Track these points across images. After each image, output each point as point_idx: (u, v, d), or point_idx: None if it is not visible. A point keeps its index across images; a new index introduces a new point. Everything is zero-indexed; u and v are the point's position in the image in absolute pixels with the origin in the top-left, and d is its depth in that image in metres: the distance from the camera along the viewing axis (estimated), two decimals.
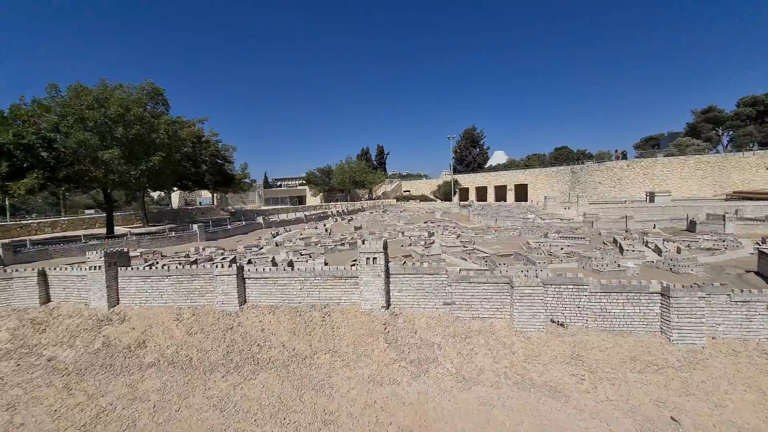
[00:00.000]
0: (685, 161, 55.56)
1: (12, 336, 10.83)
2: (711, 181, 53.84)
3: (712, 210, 33.13)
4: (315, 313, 9.92)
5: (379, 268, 9.41)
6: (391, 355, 8.51)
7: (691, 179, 54.82)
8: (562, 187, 69.76)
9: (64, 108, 24.26)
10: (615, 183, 59.70)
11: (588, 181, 63.47)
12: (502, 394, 7.42)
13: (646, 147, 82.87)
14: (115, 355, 9.83)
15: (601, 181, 61.57)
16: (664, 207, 39.14)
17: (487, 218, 38.81)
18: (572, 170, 68.61)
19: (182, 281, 10.94)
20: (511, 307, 8.83)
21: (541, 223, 32.98)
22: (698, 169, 54.62)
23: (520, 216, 38.92)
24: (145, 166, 26.95)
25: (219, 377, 8.71)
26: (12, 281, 11.79)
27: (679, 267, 14.38)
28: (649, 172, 57.01)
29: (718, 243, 20.31)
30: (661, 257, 16.68)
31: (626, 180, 58.79)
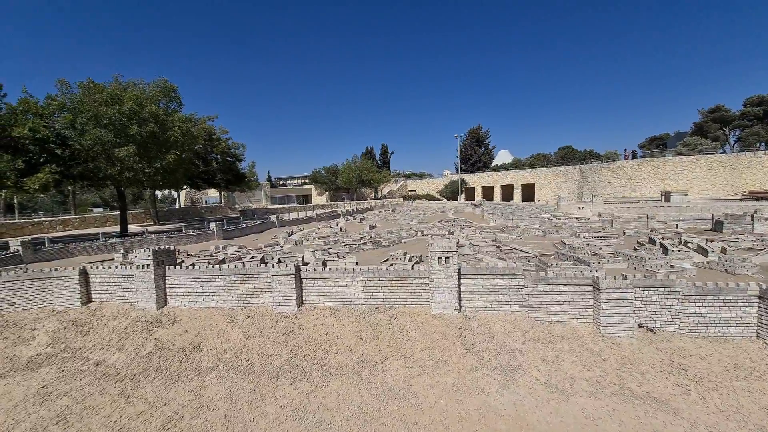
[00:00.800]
0: (696, 161, 55.16)
1: (52, 339, 10.24)
2: (723, 180, 53.51)
3: (729, 210, 32.68)
4: (380, 315, 9.38)
5: (452, 269, 8.88)
6: (471, 362, 7.99)
7: (703, 179, 54.42)
8: (570, 186, 69.34)
9: (78, 104, 23.75)
10: (625, 182, 59.23)
11: (597, 180, 63.00)
12: (604, 406, 6.92)
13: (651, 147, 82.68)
14: (169, 358, 9.26)
15: (611, 180, 61.07)
16: (681, 207, 38.69)
17: (502, 217, 38.35)
18: (580, 169, 68.17)
19: (234, 281, 10.38)
20: (597, 310, 8.33)
21: (558, 223, 32.51)
22: (710, 169, 54.24)
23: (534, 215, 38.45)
24: (160, 164, 26.51)
25: (287, 384, 8.16)
26: (50, 281, 11.20)
27: (735, 268, 13.89)
28: (660, 171, 56.59)
29: (757, 243, 19.84)
30: (706, 258, 16.22)
31: (637, 179, 58.33)
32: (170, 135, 27.04)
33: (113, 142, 24.07)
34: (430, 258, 9.09)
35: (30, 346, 10.08)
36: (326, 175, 76.33)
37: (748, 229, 24.51)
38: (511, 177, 77.08)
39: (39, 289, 11.19)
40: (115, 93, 24.56)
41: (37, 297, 11.20)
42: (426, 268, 9.34)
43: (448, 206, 56.67)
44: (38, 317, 10.85)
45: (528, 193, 74.49)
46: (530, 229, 28.60)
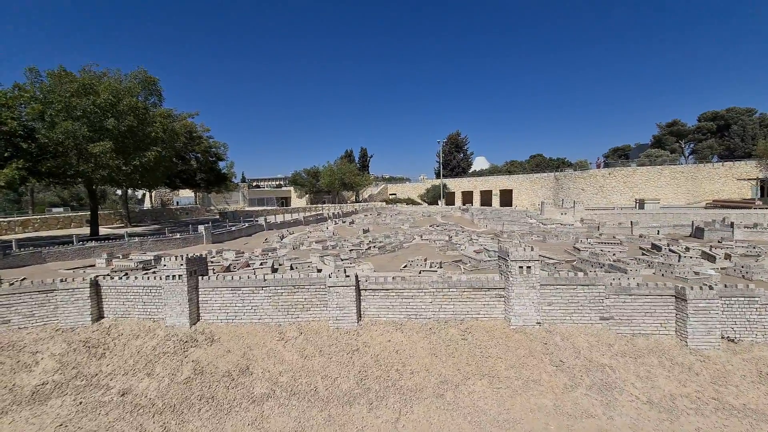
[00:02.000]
0: (661, 171, 59.00)
1: (60, 364, 8.62)
2: (684, 190, 57.52)
3: (698, 217, 34.85)
4: (451, 330, 8.67)
5: (534, 279, 8.36)
6: (564, 381, 7.49)
7: (667, 188, 58.20)
8: (545, 193, 71.95)
9: (49, 94, 21.34)
10: (597, 190, 62.25)
11: (571, 187, 65.75)
12: (713, 423, 6.65)
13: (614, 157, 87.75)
14: (213, 384, 8.01)
15: (584, 188, 63.93)
16: (654, 214, 41.01)
17: (492, 222, 38.70)
18: (555, 177, 70.98)
19: (282, 294, 9.25)
20: (683, 322, 8.14)
21: (546, 228, 33.21)
22: (673, 179, 58.14)
23: (521, 221, 39.21)
24: (139, 161, 24.37)
25: (364, 411, 7.24)
26: (53, 294, 9.46)
27: (752, 273, 14.45)
28: (629, 180, 60.01)
29: (749, 249, 21.00)
30: (713, 263, 16.93)
31: (608, 187, 61.48)
32: (151, 131, 25.00)
33: (87, 136, 21.77)
34: (510, 268, 8.49)
35: (33, 373, 8.41)
36: (306, 177, 74.36)
37: (729, 235, 26.02)
38: (490, 183, 79.03)
39: (39, 304, 9.42)
40: (90, 83, 22.34)
41: (37, 313, 9.42)
42: (498, 277, 8.77)
43: (433, 210, 56.79)
44: (39, 337, 9.12)
45: (506, 198, 76.59)
46: (528, 235, 28.86)
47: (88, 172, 23.24)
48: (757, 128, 66.95)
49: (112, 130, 22.33)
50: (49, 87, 21.62)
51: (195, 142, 41.47)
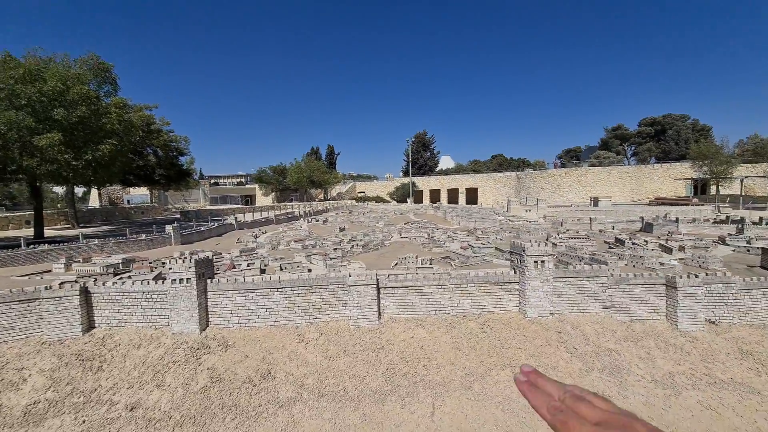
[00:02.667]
0: (610, 171, 64.16)
1: (52, 380, 7.76)
2: (629, 188, 62.97)
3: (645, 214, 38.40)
4: (470, 324, 8.94)
5: (548, 273, 8.85)
6: (578, 366, 8.05)
7: (614, 186, 63.33)
8: (508, 191, 75.41)
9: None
10: (555, 188, 66.34)
11: (532, 186, 69.50)
12: (711, 396, 7.50)
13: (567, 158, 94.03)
14: (234, 392, 7.64)
15: (543, 186, 67.84)
16: (607, 211, 44.57)
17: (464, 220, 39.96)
18: (517, 176, 74.67)
19: (298, 294, 8.96)
20: (673, 307, 9.04)
21: (515, 225, 34.93)
22: (620, 178, 63.40)
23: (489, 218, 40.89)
24: (92, 156, 22.44)
25: (398, 408, 7.30)
26: (36, 304, 8.41)
27: (707, 263, 16.23)
28: (583, 179, 64.62)
29: (697, 242, 23.49)
30: (671, 255, 18.86)
31: (564, 186, 65.76)
32: (105, 122, 23.06)
33: (31, 127, 19.67)
34: (525, 262, 8.91)
35: (21, 391, 7.50)
36: (273, 174, 71.94)
37: (674, 229, 28.90)
38: (457, 181, 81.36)
39: (20, 315, 8.33)
40: (35, 69, 20.18)
41: (17, 326, 8.34)
42: (512, 272, 9.18)
43: (404, 208, 57.44)
44: (23, 352, 8.11)
45: (471, 196, 79.22)
46: (502, 231, 30.09)
47: (33, 168, 20.95)
48: (689, 133, 74.95)
49: (60, 120, 20.32)
50: None
51: (153, 135, 38.64)
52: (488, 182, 78.76)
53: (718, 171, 46.13)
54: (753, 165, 55.02)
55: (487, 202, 74.53)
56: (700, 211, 39.09)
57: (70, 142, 21.26)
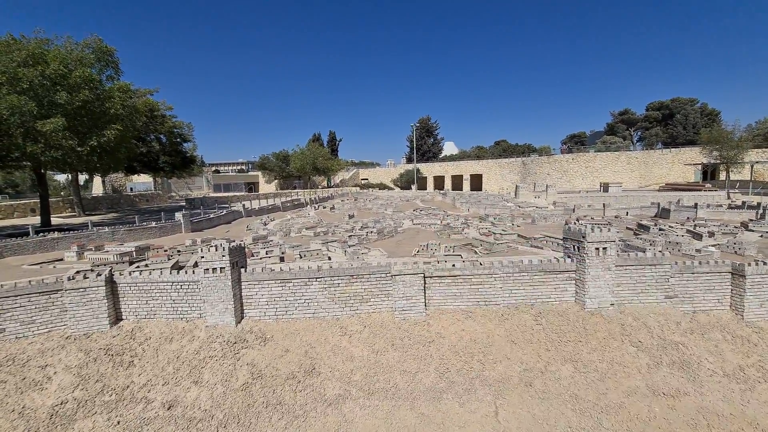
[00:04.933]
0: (618, 157, 63.10)
1: (80, 378, 7.18)
2: (638, 174, 62.04)
3: (655, 199, 37.68)
4: (523, 315, 8.35)
5: (610, 260, 8.21)
6: (645, 360, 7.49)
7: (623, 172, 62.37)
8: (513, 177, 74.42)
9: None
10: (562, 174, 65.34)
11: (538, 172, 68.49)
12: None
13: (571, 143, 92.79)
14: (277, 389, 7.07)
15: (550, 172, 66.84)
16: (618, 197, 43.83)
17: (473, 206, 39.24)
18: (523, 162, 73.57)
19: (339, 285, 8.34)
20: (740, 297, 8.45)
21: (525, 211, 34.19)
22: (629, 164, 62.40)
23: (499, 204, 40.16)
24: (97, 141, 21.63)
25: (456, 407, 6.74)
26: (58, 296, 7.79)
27: (744, 249, 15.60)
28: (590, 165, 63.61)
29: (722, 227, 22.79)
30: (701, 241, 18.22)
31: (571, 172, 64.76)
32: (109, 106, 22.15)
33: (35, 112, 18.83)
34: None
35: (46, 391, 6.94)
36: (275, 161, 70.75)
37: (692, 215, 28.17)
38: (461, 168, 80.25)
39: (40, 307, 7.71)
40: (38, 52, 19.22)
41: (38, 319, 7.72)
42: (568, 260, 8.54)
43: (410, 195, 56.71)
44: (46, 348, 7.51)
45: (476, 183, 78.24)
46: (517, 217, 29.36)
47: (37, 154, 20.15)
48: (698, 117, 73.57)
49: (64, 105, 19.48)
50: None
51: (157, 121, 37.63)
52: (493, 168, 77.63)
53: (728, 156, 45.13)
54: (763, 150, 53.98)
55: (492, 189, 73.71)
56: (712, 196, 38.37)
57: (74, 128, 20.49)
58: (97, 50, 22.76)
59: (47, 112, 19.38)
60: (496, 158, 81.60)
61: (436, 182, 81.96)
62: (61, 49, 20.79)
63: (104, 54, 23.31)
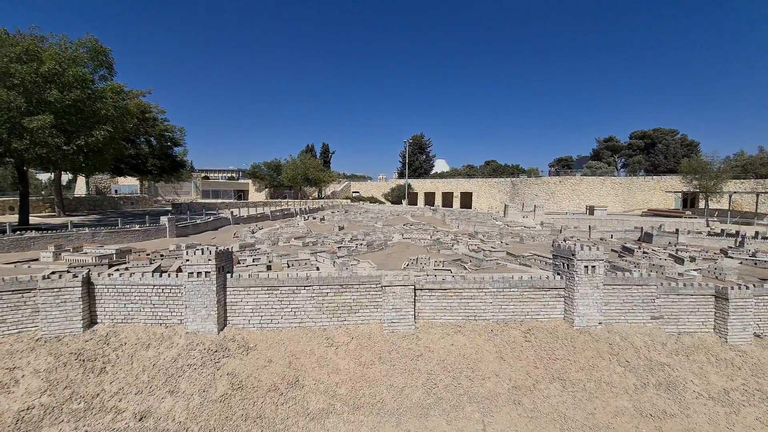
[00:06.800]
0: (603, 181, 64.89)
1: (48, 383, 6.76)
2: (621, 199, 63.74)
3: (638, 224, 38.59)
4: (513, 331, 8.28)
5: (599, 279, 8.27)
6: (633, 381, 7.48)
7: (607, 197, 64.00)
8: (502, 197, 75.49)
9: None
10: (549, 196, 66.65)
11: (526, 192, 69.73)
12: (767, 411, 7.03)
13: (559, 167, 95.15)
14: (258, 401, 6.77)
15: (538, 193, 68.10)
16: (603, 220, 44.81)
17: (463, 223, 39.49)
18: (512, 182, 74.90)
19: (327, 294, 8.15)
20: (723, 320, 8.59)
21: (513, 230, 34.57)
22: (613, 189, 64.16)
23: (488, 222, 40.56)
24: (85, 141, 21.29)
25: (444, 424, 6.56)
26: (31, 295, 7.37)
27: (724, 275, 16.00)
28: (577, 188, 65.17)
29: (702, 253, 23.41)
30: (682, 265, 18.64)
31: (558, 194, 66.16)
32: (100, 107, 21.88)
33: (23, 108, 18.48)
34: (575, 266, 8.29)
35: (13, 394, 6.49)
36: (267, 170, 70.40)
37: (674, 240, 28.86)
38: (452, 185, 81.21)
39: (12, 306, 7.27)
40: (33, 48, 19.01)
41: (9, 319, 7.27)
42: (558, 277, 8.57)
43: (401, 210, 56.89)
44: (15, 349, 7.06)
45: (466, 200, 79.13)
46: (505, 236, 29.63)
47: (21, 151, 19.64)
48: (678, 147, 76.71)
49: (54, 103, 19.13)
50: None
51: (149, 124, 37.21)
52: (483, 187, 78.76)
53: (707, 186, 46.94)
54: (741, 181, 56.29)
55: (481, 207, 74.50)
56: (692, 223, 39.55)
57: (62, 126, 20.10)
58: (91, 50, 22.56)
59: (36, 109, 19.02)
60: (486, 177, 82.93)
61: (426, 198, 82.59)
62: (56, 47, 20.56)
63: (98, 54, 23.11)
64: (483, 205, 75.48)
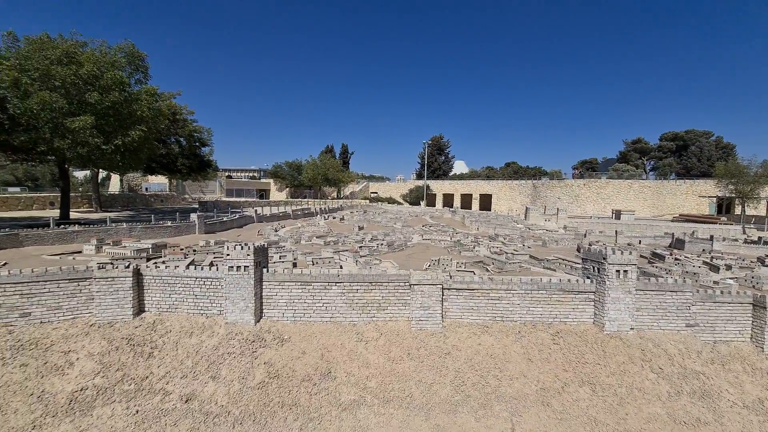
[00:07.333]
0: (631, 185, 62.56)
1: (101, 365, 7.30)
2: (650, 203, 61.31)
3: (669, 229, 37.06)
4: (541, 333, 8.31)
5: (631, 283, 8.20)
6: (666, 388, 7.37)
7: (635, 200, 61.70)
8: (523, 199, 74.08)
9: (25, 61, 19.05)
10: (573, 199, 64.82)
11: (548, 195, 68.09)
12: None
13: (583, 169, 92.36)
14: (293, 390, 7.10)
15: (560, 196, 66.37)
16: (631, 225, 43.28)
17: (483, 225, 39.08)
18: (534, 185, 73.33)
19: (357, 291, 8.44)
20: (760, 329, 8.32)
21: (535, 234, 33.88)
22: (641, 192, 61.77)
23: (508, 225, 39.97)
24: (122, 141, 22.40)
25: (472, 421, 6.69)
26: (86, 283, 8.01)
27: (761, 284, 15.32)
28: (602, 191, 63.09)
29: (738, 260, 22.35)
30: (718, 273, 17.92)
31: (582, 197, 64.24)
32: (136, 109, 23.03)
33: (65, 109, 19.63)
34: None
35: (67, 376, 7.06)
36: (288, 170, 71.85)
37: (708, 247, 27.68)
38: (471, 187, 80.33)
39: (68, 294, 7.93)
40: (72, 51, 20.16)
41: (65, 305, 7.94)
42: (587, 280, 8.52)
43: (419, 211, 56.81)
44: (70, 334, 7.68)
45: (485, 202, 78.10)
46: (527, 239, 29.19)
47: (63, 149, 20.91)
48: (713, 150, 73.16)
49: (94, 104, 20.29)
50: (26, 53, 19.25)
51: (179, 124, 38.77)
52: (503, 189, 77.49)
53: (744, 191, 44.61)
54: None
55: (501, 209, 73.37)
56: (727, 230, 37.76)
57: (101, 126, 21.27)
58: (129, 54, 23.80)
59: (77, 110, 20.19)
60: (507, 179, 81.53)
61: (445, 200, 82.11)
62: (96, 51, 21.81)
63: (135, 58, 24.37)
64: (503, 207, 74.38)
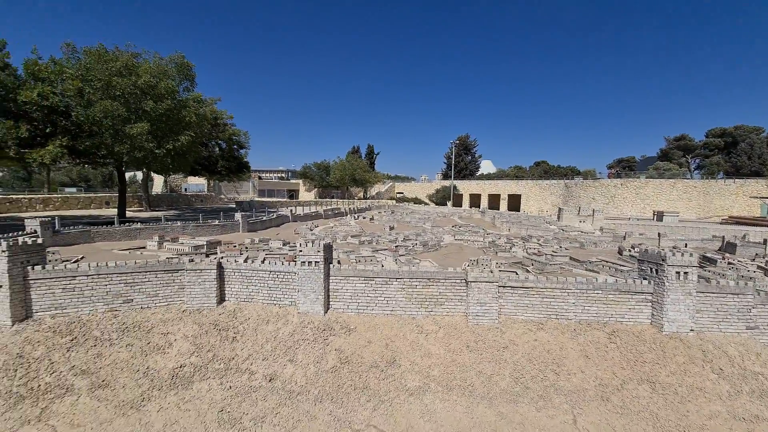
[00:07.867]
0: (674, 184, 59.08)
1: (195, 346, 8.25)
2: (696, 204, 57.73)
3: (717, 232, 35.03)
4: (596, 332, 8.55)
5: (691, 285, 8.28)
6: (726, 388, 7.44)
7: (678, 201, 58.30)
8: (554, 200, 71.88)
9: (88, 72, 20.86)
10: (609, 199, 62.20)
11: (582, 196, 65.65)
12: None
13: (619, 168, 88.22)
14: (362, 375, 7.74)
15: (595, 197, 63.85)
16: (674, 227, 41.20)
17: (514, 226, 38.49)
18: (566, 184, 70.95)
19: (416, 286, 9.01)
20: None
21: (570, 235, 33.02)
22: (685, 193, 58.25)
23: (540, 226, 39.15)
24: (173, 145, 24.02)
25: (533, 411, 7.06)
26: (179, 275, 9.06)
27: None
28: (641, 192, 60.10)
29: None
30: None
31: (619, 198, 61.48)
32: (185, 115, 24.67)
33: (124, 116, 21.34)
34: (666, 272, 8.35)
35: (167, 355, 8.04)
36: (317, 171, 73.56)
37: (761, 252, 26.16)
38: (499, 187, 78.84)
39: (164, 283, 9.01)
40: (130, 63, 21.92)
41: (161, 293, 9.02)
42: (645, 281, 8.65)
43: (447, 211, 56.63)
44: (166, 318, 8.71)
45: (514, 203, 76.49)
46: (563, 240, 28.65)
47: (123, 154, 22.78)
48: (764, 147, 68.11)
49: (149, 112, 21.97)
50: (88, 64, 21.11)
51: (219, 128, 40.87)
52: (533, 189, 75.52)
53: None
54: None
55: (530, 210, 71.66)
56: None
57: (154, 132, 23.01)
58: (179, 65, 25.57)
59: (134, 117, 21.98)
60: (537, 179, 79.41)
61: (472, 200, 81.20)
62: (149, 62, 23.63)
63: (184, 68, 26.13)
64: (532, 208, 72.64)
